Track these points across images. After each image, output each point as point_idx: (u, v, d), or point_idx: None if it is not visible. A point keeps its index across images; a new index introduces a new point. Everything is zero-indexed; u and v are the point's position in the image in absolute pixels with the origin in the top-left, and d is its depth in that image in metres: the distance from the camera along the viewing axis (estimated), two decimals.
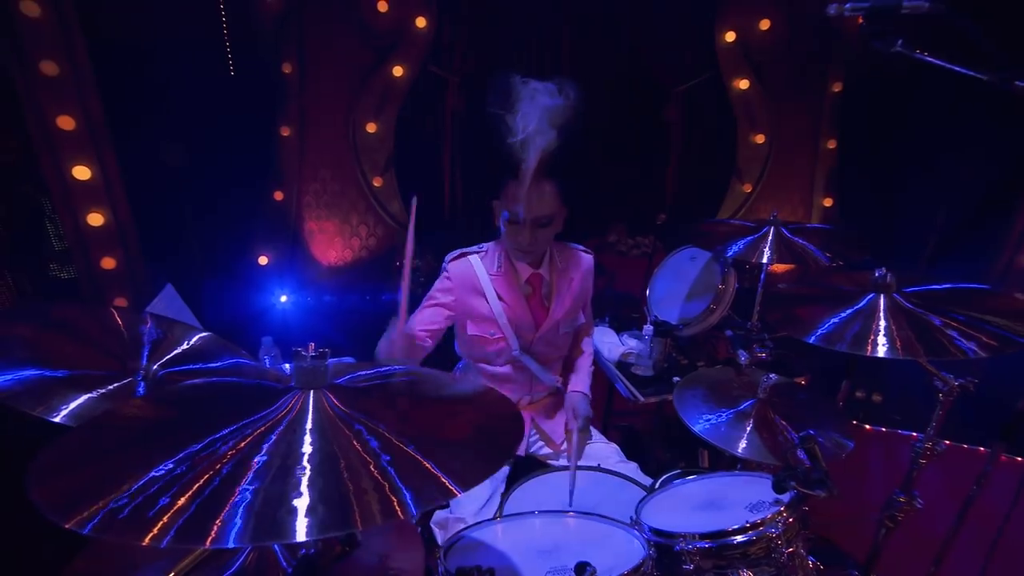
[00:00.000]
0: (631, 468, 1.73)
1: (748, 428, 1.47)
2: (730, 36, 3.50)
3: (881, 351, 1.24)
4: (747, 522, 1.13)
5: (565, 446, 1.79)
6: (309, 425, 0.73)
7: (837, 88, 3.66)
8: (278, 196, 3.40)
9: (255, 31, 3.14)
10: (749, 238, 1.88)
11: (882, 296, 1.35)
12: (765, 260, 1.80)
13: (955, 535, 1.75)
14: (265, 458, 0.67)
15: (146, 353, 1.16)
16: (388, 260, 3.67)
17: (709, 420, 1.49)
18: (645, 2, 3.40)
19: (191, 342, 1.27)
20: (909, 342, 1.24)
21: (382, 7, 3.27)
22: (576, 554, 0.99)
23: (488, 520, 1.29)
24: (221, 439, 0.68)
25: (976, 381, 1.46)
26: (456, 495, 0.68)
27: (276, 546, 1.00)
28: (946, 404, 1.53)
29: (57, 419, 0.95)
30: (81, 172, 2.64)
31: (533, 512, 1.30)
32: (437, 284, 1.74)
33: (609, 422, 2.38)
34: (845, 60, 3.59)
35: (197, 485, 0.61)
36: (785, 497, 1.19)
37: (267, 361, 1.89)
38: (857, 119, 3.66)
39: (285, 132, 3.31)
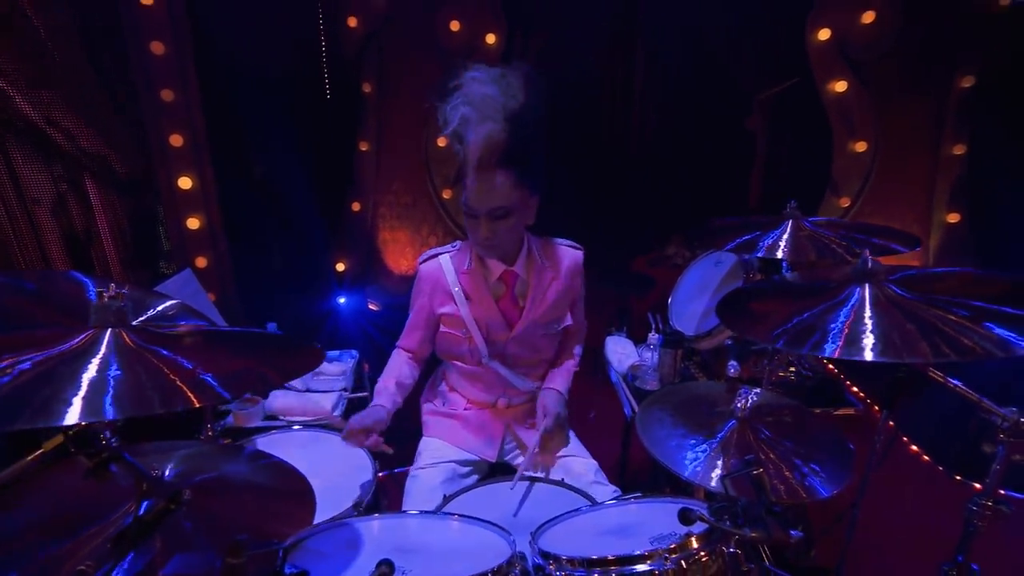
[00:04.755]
0: (607, 491, 1.57)
1: (719, 456, 1.27)
2: (824, 34, 3.14)
3: (868, 354, 0.98)
4: (631, 552, 0.96)
5: (530, 444, 1.68)
6: (102, 349, 0.82)
7: (968, 83, 3.11)
8: (355, 207, 3.66)
9: (341, 55, 3.45)
10: (767, 235, 1.65)
11: (867, 286, 1.10)
12: (781, 255, 1.57)
13: None
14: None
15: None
16: None
17: (673, 442, 1.32)
18: (724, 5, 3.19)
19: (159, 308, 1.39)
20: (902, 340, 0.98)
21: (455, 26, 3.42)
22: (430, 559, 0.92)
23: (367, 516, 1.24)
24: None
25: None
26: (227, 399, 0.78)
27: None
28: (1011, 448, 1.21)
29: None
30: (185, 182, 3.07)
31: (413, 512, 1.24)
32: (413, 288, 1.75)
33: (630, 445, 2.19)
34: (982, 48, 3.04)
35: None
36: (695, 529, 1.00)
37: None
38: (996, 119, 3.07)
39: (363, 147, 3.58)
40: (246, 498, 1.20)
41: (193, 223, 3.11)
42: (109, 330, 0.87)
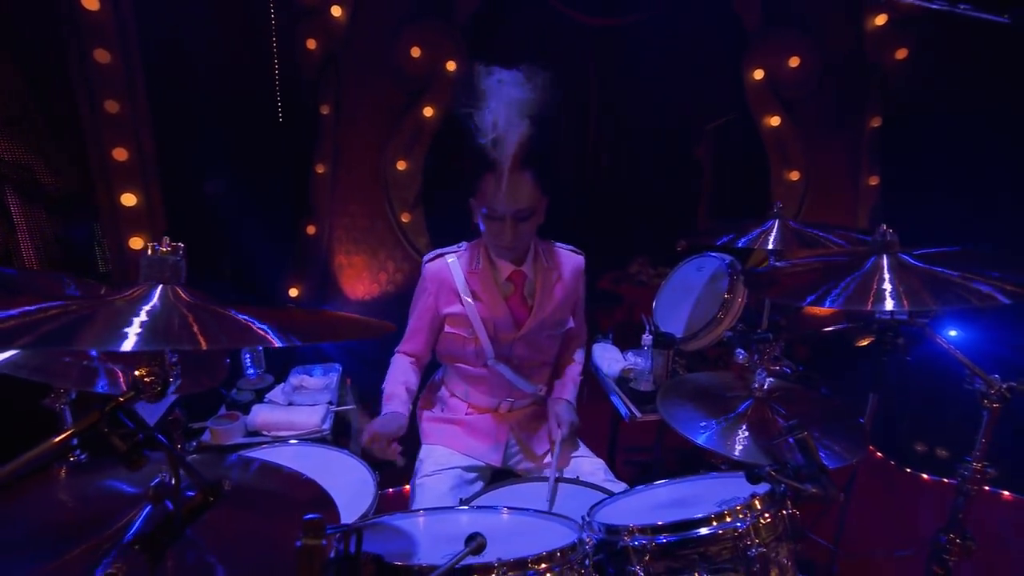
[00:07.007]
0: (619, 487, 1.58)
1: (743, 430, 1.32)
2: (758, 74, 3.47)
3: (888, 304, 1.14)
4: (706, 514, 0.97)
5: (548, 459, 1.66)
6: (154, 300, 0.77)
7: (876, 123, 3.53)
8: (310, 230, 3.54)
9: (298, 77, 3.39)
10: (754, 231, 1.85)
11: (884, 256, 1.25)
12: (772, 246, 1.75)
13: None
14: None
15: None
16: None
17: (700, 424, 1.35)
18: (673, 42, 3.46)
19: None
20: (917, 294, 1.14)
21: (415, 52, 3.47)
22: (498, 541, 0.88)
23: (411, 512, 1.18)
24: None
25: None
26: (274, 344, 0.74)
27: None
28: (994, 413, 1.34)
29: None
30: (128, 199, 2.85)
31: (462, 507, 1.19)
32: (416, 289, 1.72)
33: (616, 456, 2.20)
34: (884, 94, 3.47)
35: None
36: (760, 489, 1.03)
37: (247, 358, 1.91)
38: (901, 154, 3.49)
39: (320, 169, 3.49)
40: (256, 509, 1.10)
41: (136, 243, 2.88)
42: (160, 286, 0.80)
